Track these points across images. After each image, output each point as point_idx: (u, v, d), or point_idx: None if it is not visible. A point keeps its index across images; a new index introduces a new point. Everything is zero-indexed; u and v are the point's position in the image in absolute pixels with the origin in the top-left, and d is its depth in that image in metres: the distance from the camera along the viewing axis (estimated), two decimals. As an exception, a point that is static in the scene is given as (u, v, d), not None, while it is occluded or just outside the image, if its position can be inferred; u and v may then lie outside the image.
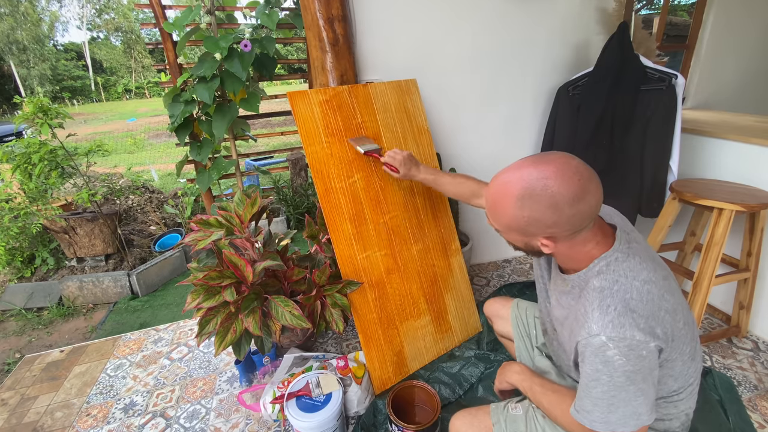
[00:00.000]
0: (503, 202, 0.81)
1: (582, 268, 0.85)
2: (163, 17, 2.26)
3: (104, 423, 1.64)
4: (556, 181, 0.75)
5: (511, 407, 1.04)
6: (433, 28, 2.02)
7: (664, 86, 1.80)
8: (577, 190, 0.75)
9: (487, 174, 2.37)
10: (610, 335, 0.73)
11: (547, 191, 0.75)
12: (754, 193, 1.63)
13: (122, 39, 28.74)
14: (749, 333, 1.88)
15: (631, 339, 0.73)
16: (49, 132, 2.39)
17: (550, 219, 0.77)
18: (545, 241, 0.82)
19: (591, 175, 0.77)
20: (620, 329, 0.73)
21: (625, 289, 0.76)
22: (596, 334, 0.75)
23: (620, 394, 0.74)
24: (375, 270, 1.65)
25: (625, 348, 0.73)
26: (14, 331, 2.37)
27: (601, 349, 0.74)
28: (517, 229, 0.82)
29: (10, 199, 2.75)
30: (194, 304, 1.39)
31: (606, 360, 0.74)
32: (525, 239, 0.85)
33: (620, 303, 0.75)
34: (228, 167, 2.45)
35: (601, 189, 0.79)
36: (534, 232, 0.81)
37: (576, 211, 0.76)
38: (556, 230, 0.79)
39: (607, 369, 0.74)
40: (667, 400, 0.88)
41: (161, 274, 2.76)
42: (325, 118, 1.59)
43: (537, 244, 0.83)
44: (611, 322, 0.74)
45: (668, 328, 0.77)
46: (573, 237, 0.81)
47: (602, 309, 0.76)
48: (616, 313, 0.74)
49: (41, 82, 21.21)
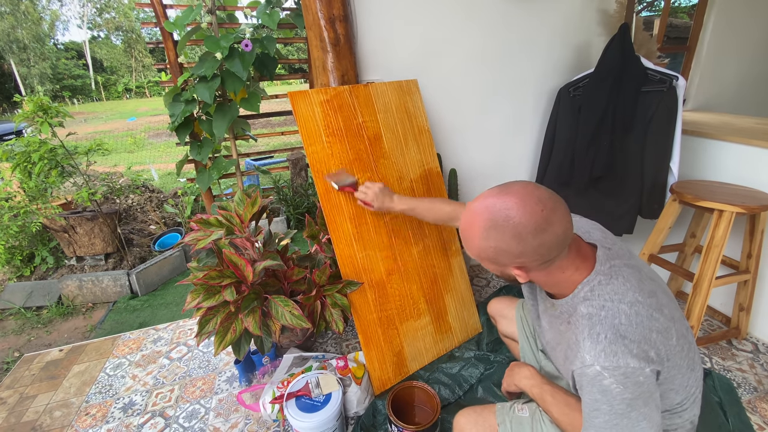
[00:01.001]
0: (471, 233, 0.81)
1: (567, 294, 0.84)
2: (164, 16, 2.26)
3: (103, 422, 1.63)
4: (518, 211, 0.75)
5: (518, 408, 1.03)
6: (435, 29, 2.02)
7: (664, 88, 1.80)
8: (539, 221, 0.74)
9: (487, 175, 2.40)
10: (604, 365, 0.72)
11: (509, 222, 0.75)
12: (754, 195, 1.63)
13: (123, 38, 28.74)
14: (749, 335, 1.88)
15: (626, 367, 0.72)
16: (49, 131, 2.39)
17: (515, 249, 0.77)
18: (517, 271, 0.81)
19: (555, 205, 0.76)
20: (613, 358, 0.72)
21: (612, 315, 0.75)
22: (590, 364, 0.74)
23: (622, 422, 0.73)
24: (375, 270, 1.65)
25: (621, 376, 0.72)
26: (13, 330, 2.36)
27: (597, 378, 0.73)
28: (487, 258, 0.82)
29: (10, 198, 2.74)
30: (194, 304, 1.39)
31: (603, 389, 0.73)
32: (498, 268, 0.84)
33: (610, 330, 0.74)
34: (228, 167, 2.45)
35: (568, 218, 0.78)
36: (504, 262, 0.81)
37: (541, 242, 0.75)
38: (524, 260, 0.78)
39: (606, 398, 0.73)
40: (672, 413, 0.87)
41: (161, 273, 2.76)
42: (326, 118, 1.59)
43: (511, 273, 0.83)
44: (603, 351, 0.73)
45: (661, 349, 0.76)
46: (546, 266, 0.81)
47: (593, 338, 0.75)
48: (607, 342, 0.73)
49: (41, 81, 21.20)
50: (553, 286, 0.86)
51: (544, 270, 0.82)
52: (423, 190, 1.82)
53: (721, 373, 1.68)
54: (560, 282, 0.84)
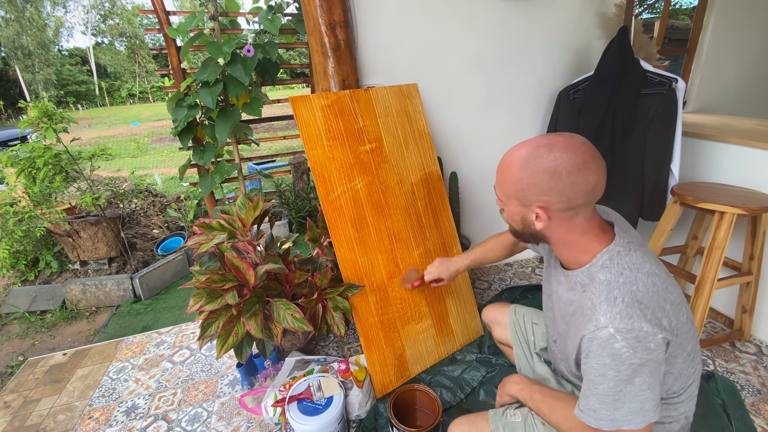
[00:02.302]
0: (510, 166, 0.84)
1: (585, 263, 0.85)
2: (167, 23, 2.29)
3: (106, 426, 1.64)
4: (561, 146, 0.78)
5: (510, 414, 1.04)
6: (435, 33, 2.03)
7: (664, 90, 1.81)
8: (577, 160, 0.77)
9: (488, 178, 2.40)
10: (618, 327, 0.73)
11: (550, 154, 0.78)
12: (755, 197, 1.63)
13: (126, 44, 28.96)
14: (752, 337, 1.88)
15: (639, 330, 0.73)
16: (53, 136, 2.42)
17: (546, 184, 0.79)
18: (539, 211, 0.82)
19: (596, 155, 0.79)
20: (628, 320, 0.73)
21: (631, 281, 0.77)
22: (604, 326, 0.75)
23: (626, 388, 0.74)
24: (376, 273, 1.66)
25: (633, 340, 0.73)
26: (17, 334, 2.38)
27: (609, 341, 0.74)
28: (516, 194, 0.84)
29: (15, 203, 2.77)
30: (196, 307, 1.40)
31: (613, 353, 0.74)
32: (522, 211, 0.86)
33: (627, 294, 0.75)
34: (230, 171, 2.47)
35: (604, 173, 0.80)
36: (530, 198, 0.82)
37: (573, 180, 0.77)
38: (551, 198, 0.80)
39: (614, 363, 0.74)
40: (668, 402, 0.88)
41: (164, 277, 2.78)
42: (327, 123, 1.60)
43: (532, 218, 0.84)
44: (619, 314, 0.74)
45: (673, 321, 0.77)
46: (569, 217, 0.82)
47: (609, 301, 0.76)
48: (624, 305, 0.74)
49: (46, 87, 21.37)
50: (571, 249, 0.87)
51: (566, 222, 0.83)
52: (424, 193, 1.82)
53: (724, 375, 1.67)
54: (578, 246, 0.85)
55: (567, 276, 0.91)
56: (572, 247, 0.86)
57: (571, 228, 0.84)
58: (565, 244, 0.87)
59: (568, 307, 0.90)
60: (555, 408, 0.92)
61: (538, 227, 0.85)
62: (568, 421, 0.87)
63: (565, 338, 0.93)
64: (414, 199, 1.79)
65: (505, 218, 0.94)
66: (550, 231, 0.85)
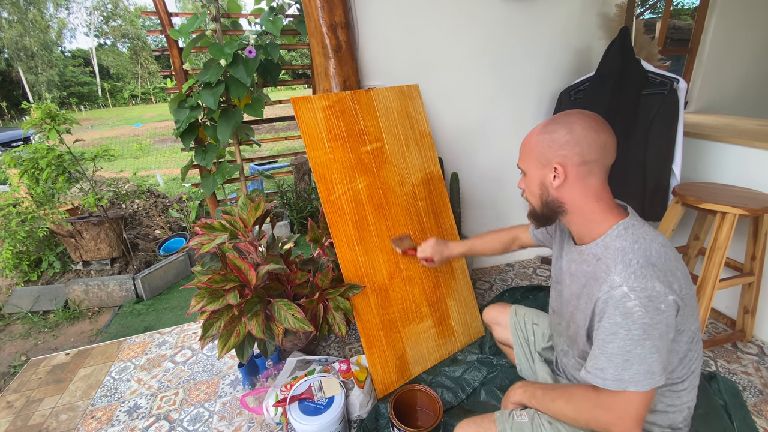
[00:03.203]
0: (531, 135, 0.92)
1: (599, 235, 0.88)
2: (169, 24, 2.30)
3: (108, 425, 1.65)
4: (576, 113, 0.88)
5: (517, 414, 1.03)
6: (436, 34, 2.04)
7: (665, 90, 1.80)
8: (590, 122, 0.85)
9: (489, 178, 2.40)
10: (632, 285, 0.76)
11: (566, 117, 0.88)
12: (757, 197, 1.62)
13: (129, 45, 29.08)
14: (754, 337, 1.87)
15: (652, 290, 0.75)
16: (56, 137, 2.43)
17: (563, 138, 0.86)
18: (557, 166, 0.86)
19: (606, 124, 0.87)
20: (642, 279, 0.76)
21: (645, 248, 0.81)
22: (618, 285, 0.77)
23: (636, 350, 0.76)
24: (377, 274, 1.66)
25: (646, 299, 0.75)
26: (20, 334, 2.39)
27: (622, 300, 0.76)
28: (537, 156, 0.89)
29: (18, 204, 2.79)
30: (198, 307, 1.41)
31: (626, 312, 0.76)
32: (541, 174, 0.90)
33: (642, 257, 0.79)
34: (232, 172, 2.47)
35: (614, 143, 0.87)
36: (549, 156, 0.88)
37: (586, 134, 0.84)
38: (566, 151, 0.86)
39: (626, 322, 0.76)
40: (672, 389, 0.89)
41: (166, 277, 2.78)
42: (328, 124, 1.60)
43: (550, 178, 0.88)
44: (633, 273, 0.77)
45: (683, 289, 0.80)
46: (584, 175, 0.86)
47: (625, 262, 0.79)
48: (638, 266, 0.78)
49: (49, 88, 21.47)
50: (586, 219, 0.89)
51: (581, 182, 0.87)
52: (425, 194, 1.83)
53: (726, 376, 1.67)
54: (593, 215, 0.88)
55: (580, 251, 0.93)
56: (587, 216, 0.89)
57: (585, 191, 0.87)
58: (580, 213, 0.89)
59: (581, 279, 0.91)
60: (557, 396, 0.92)
61: (556, 185, 0.88)
62: (571, 404, 0.88)
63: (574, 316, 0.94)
64: (415, 200, 1.79)
65: (526, 195, 0.97)
66: (566, 193, 0.89)
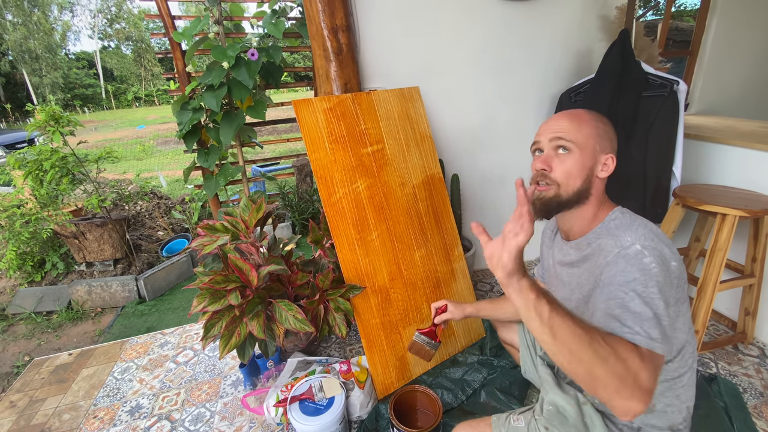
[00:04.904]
0: (584, 117, 0.92)
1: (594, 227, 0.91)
2: (172, 27, 2.32)
3: (111, 425, 1.66)
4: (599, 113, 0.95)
5: (513, 419, 1.04)
6: (436, 37, 2.05)
7: (665, 92, 1.81)
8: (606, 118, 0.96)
9: (489, 180, 2.41)
10: (645, 244, 0.77)
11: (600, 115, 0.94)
12: (757, 199, 1.62)
13: (133, 48, 29.23)
14: (755, 339, 1.87)
15: (662, 250, 0.77)
16: (60, 139, 2.45)
17: (611, 134, 0.92)
18: (610, 157, 0.90)
19: None
20: (652, 239, 0.78)
21: (645, 224, 0.84)
22: (630, 244, 0.78)
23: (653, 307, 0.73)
24: (378, 275, 1.67)
25: (659, 257, 0.75)
26: (24, 335, 2.41)
27: (638, 257, 0.76)
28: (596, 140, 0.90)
29: (22, 205, 2.81)
30: (200, 308, 1.42)
31: (643, 267, 0.74)
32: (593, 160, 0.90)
33: (645, 228, 0.82)
34: (234, 173, 2.49)
35: None
36: (605, 145, 0.91)
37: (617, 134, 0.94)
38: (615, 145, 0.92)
39: (644, 277, 0.73)
40: (670, 386, 0.88)
41: (168, 278, 2.80)
42: (329, 126, 1.62)
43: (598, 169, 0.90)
44: (643, 235, 0.79)
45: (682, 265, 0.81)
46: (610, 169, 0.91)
47: (632, 229, 0.82)
48: (646, 231, 0.81)
49: (53, 90, 21.60)
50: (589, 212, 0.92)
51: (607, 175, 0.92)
52: (425, 196, 1.83)
53: (727, 378, 1.67)
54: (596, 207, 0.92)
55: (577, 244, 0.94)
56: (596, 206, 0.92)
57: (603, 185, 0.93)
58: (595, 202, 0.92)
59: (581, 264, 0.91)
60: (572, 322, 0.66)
61: (602, 176, 0.91)
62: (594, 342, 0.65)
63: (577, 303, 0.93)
64: (415, 201, 1.80)
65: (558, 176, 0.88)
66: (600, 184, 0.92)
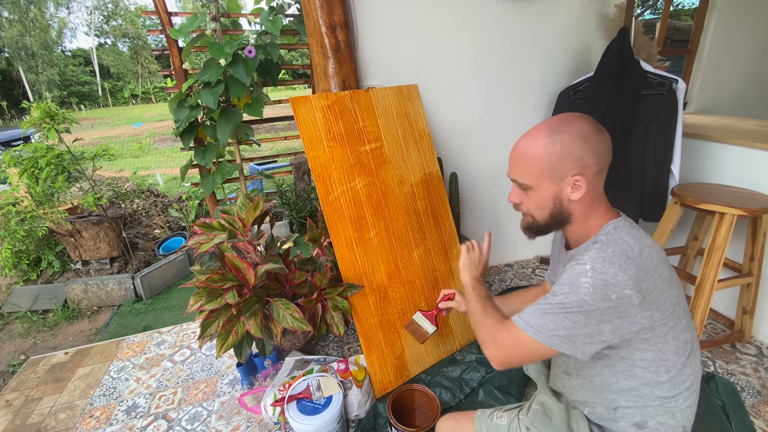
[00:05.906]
0: (533, 146, 0.84)
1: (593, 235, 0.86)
2: (169, 24, 2.29)
3: (107, 425, 1.65)
4: (574, 118, 0.84)
5: (497, 416, 1.04)
6: (435, 34, 2.04)
7: (664, 91, 1.81)
8: (593, 126, 0.82)
9: (488, 178, 2.40)
10: (595, 265, 0.75)
11: (570, 125, 0.82)
12: (755, 198, 1.63)
13: (129, 45, 29.09)
14: (753, 338, 1.87)
15: (612, 277, 0.73)
16: (56, 137, 2.43)
17: (580, 148, 0.80)
18: (578, 178, 0.81)
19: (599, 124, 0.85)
20: (607, 265, 0.75)
21: (628, 244, 0.78)
22: (583, 263, 0.77)
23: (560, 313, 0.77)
24: (376, 274, 1.66)
25: (599, 282, 0.74)
26: (19, 333, 2.39)
27: (579, 274, 0.76)
28: (550, 170, 0.82)
29: (17, 203, 2.79)
30: (196, 307, 1.41)
31: (574, 283, 0.76)
32: (556, 188, 0.84)
33: (620, 249, 0.77)
34: (232, 171, 2.47)
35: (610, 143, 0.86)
36: (566, 169, 0.81)
37: (599, 140, 0.81)
38: (585, 162, 0.81)
39: (570, 290, 0.76)
40: (663, 404, 0.83)
41: (165, 277, 2.78)
42: (327, 123, 1.61)
43: (568, 191, 0.83)
44: (602, 258, 0.76)
45: (657, 293, 0.76)
46: (596, 182, 0.84)
47: (601, 249, 0.78)
48: (611, 254, 0.76)
49: (49, 88, 21.46)
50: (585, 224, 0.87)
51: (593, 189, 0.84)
52: (423, 194, 1.83)
53: (724, 376, 1.67)
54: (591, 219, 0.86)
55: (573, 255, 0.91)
56: (587, 221, 0.87)
57: (593, 197, 0.85)
58: (584, 220, 0.87)
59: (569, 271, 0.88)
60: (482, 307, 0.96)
61: (575, 198, 0.83)
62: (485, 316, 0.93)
63: None
64: (414, 200, 1.79)
65: (529, 208, 0.89)
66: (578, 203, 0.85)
